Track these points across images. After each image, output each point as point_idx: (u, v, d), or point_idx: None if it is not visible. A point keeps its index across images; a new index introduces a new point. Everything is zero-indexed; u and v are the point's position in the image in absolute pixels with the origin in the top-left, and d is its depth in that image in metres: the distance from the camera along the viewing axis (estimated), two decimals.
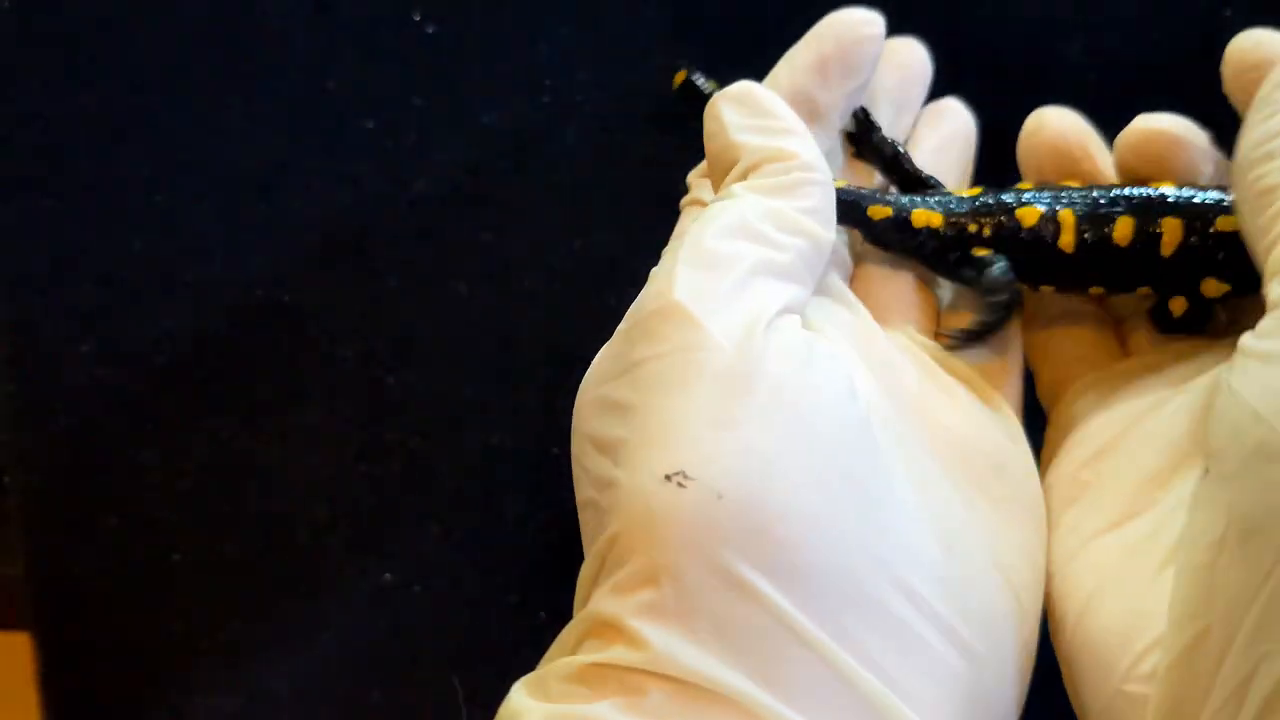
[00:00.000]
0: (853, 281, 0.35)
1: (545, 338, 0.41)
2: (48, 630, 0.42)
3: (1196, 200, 0.33)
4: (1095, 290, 0.35)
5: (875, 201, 0.35)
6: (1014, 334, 0.36)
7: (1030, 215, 0.35)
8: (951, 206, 0.35)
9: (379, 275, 0.41)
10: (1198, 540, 0.26)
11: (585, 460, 0.28)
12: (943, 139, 0.38)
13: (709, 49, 0.32)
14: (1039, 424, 0.35)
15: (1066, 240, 0.34)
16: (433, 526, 0.41)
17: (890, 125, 0.37)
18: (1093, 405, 0.34)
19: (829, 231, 0.31)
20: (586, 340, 0.29)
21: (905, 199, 0.36)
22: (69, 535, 0.42)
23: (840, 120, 0.35)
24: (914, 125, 0.38)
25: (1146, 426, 0.32)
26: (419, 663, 0.40)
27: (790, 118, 0.32)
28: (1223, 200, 0.33)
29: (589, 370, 0.29)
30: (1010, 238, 0.35)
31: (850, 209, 0.34)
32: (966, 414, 0.33)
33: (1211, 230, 0.33)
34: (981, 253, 0.35)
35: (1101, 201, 0.34)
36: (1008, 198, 0.35)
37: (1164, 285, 0.34)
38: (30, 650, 0.42)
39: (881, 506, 0.27)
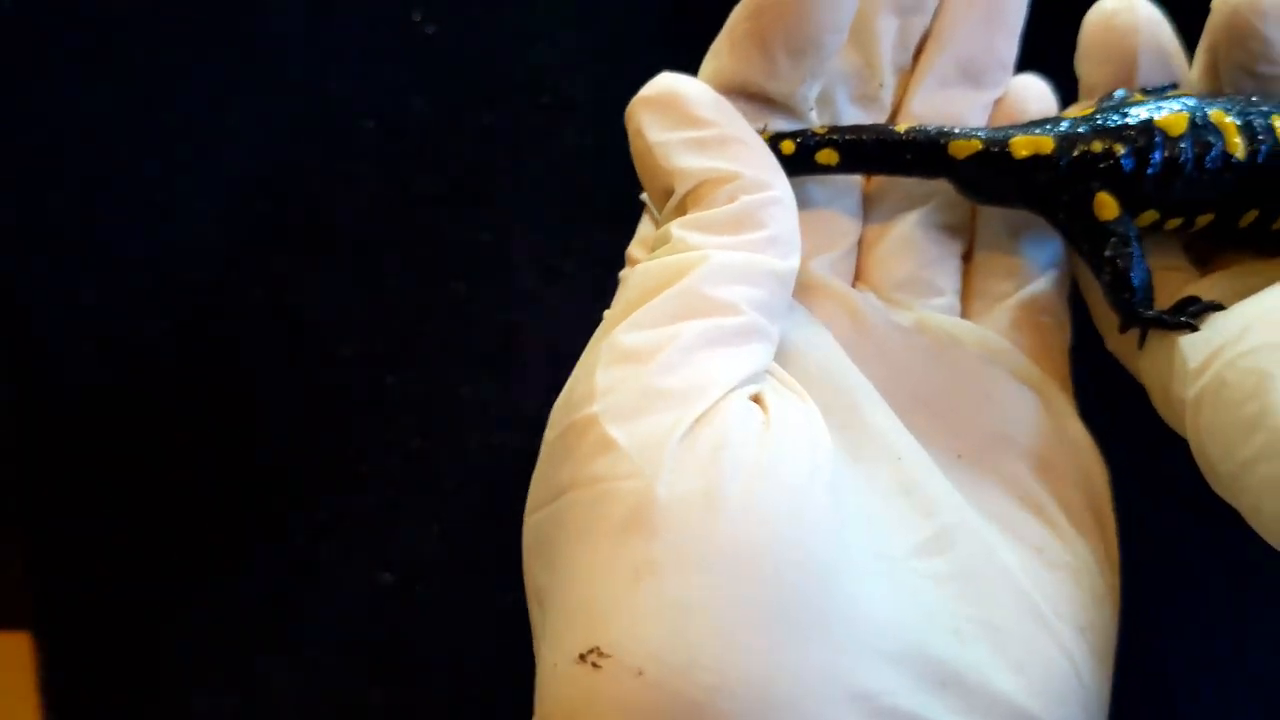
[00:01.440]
0: (863, 250, 0.30)
1: (545, 338, 0.41)
2: (48, 630, 0.42)
3: None
4: (1249, 217, 0.28)
5: (957, 136, 0.28)
6: (1057, 295, 0.30)
7: (1177, 123, 0.27)
8: (1064, 128, 0.28)
9: (379, 275, 0.41)
10: None
11: (529, 601, 0.25)
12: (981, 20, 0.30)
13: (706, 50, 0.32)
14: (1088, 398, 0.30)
15: (1235, 144, 0.27)
16: (433, 526, 0.41)
17: (898, 34, 0.30)
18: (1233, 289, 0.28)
19: (791, 258, 0.26)
20: (586, 340, 0.29)
21: (999, 129, 0.29)
22: (69, 534, 0.42)
23: (808, 100, 0.28)
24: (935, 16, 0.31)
25: None
26: (419, 663, 0.40)
27: (727, 119, 0.27)
28: None
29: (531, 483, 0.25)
30: (1153, 157, 0.27)
31: (925, 152, 0.28)
32: (1000, 406, 0.28)
33: None
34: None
35: (1243, 102, 0.28)
36: (1129, 110, 0.28)
37: None
38: (30, 650, 0.42)
39: (852, 622, 0.22)
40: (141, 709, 0.41)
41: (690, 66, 0.30)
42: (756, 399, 0.24)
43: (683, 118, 0.27)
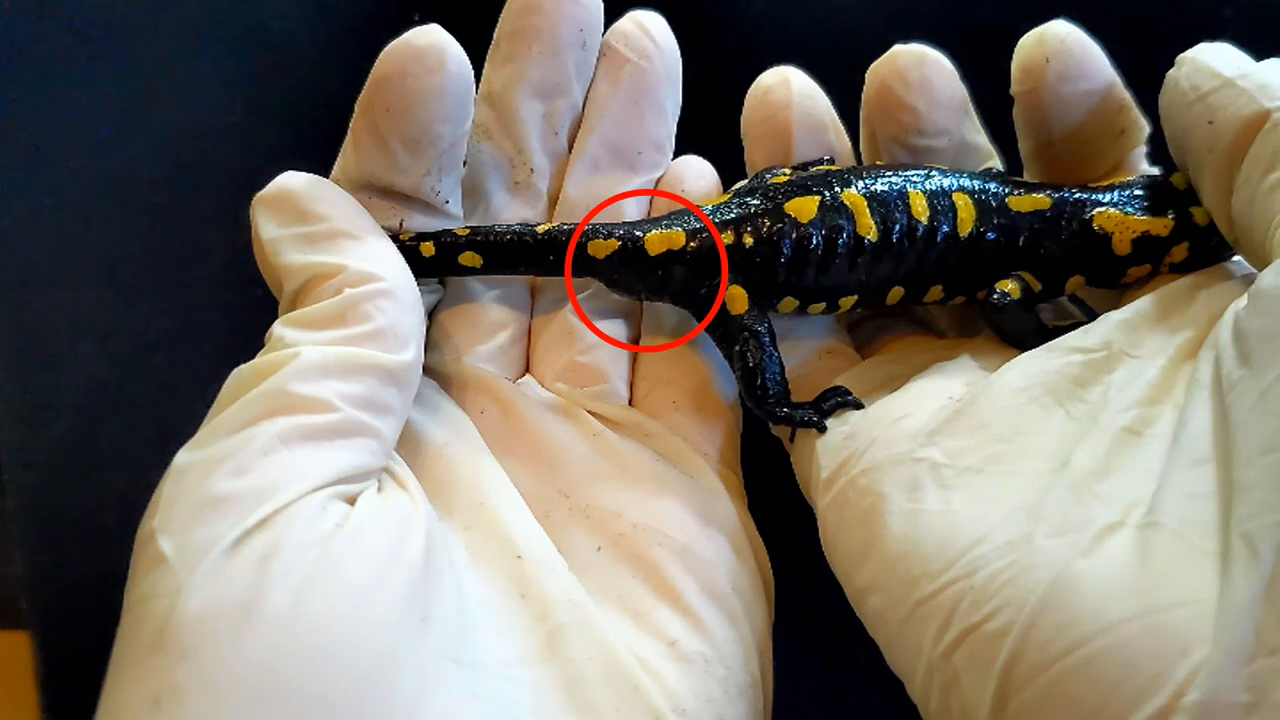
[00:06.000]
0: (531, 341, 0.30)
1: None
2: (47, 630, 0.42)
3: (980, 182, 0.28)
4: (895, 294, 0.28)
5: (596, 235, 0.28)
6: (724, 378, 0.29)
7: (807, 207, 0.27)
8: (694, 222, 0.28)
9: None
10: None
11: None
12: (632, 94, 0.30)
13: (702, 50, 0.32)
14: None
15: (867, 225, 0.27)
16: None
17: (545, 119, 0.29)
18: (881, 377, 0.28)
19: (404, 351, 0.25)
20: None
21: (638, 224, 0.28)
22: (69, 535, 0.42)
23: (439, 192, 0.28)
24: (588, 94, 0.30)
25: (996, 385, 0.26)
26: None
27: (339, 213, 0.26)
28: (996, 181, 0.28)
29: None
30: (784, 246, 0.27)
31: (566, 252, 0.28)
32: (647, 492, 0.27)
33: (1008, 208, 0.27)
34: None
35: (889, 173, 0.27)
36: (763, 195, 0.28)
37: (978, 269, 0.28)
38: (30, 650, 0.42)
39: None
40: None
41: None
42: (352, 498, 0.23)
43: (294, 214, 0.26)
